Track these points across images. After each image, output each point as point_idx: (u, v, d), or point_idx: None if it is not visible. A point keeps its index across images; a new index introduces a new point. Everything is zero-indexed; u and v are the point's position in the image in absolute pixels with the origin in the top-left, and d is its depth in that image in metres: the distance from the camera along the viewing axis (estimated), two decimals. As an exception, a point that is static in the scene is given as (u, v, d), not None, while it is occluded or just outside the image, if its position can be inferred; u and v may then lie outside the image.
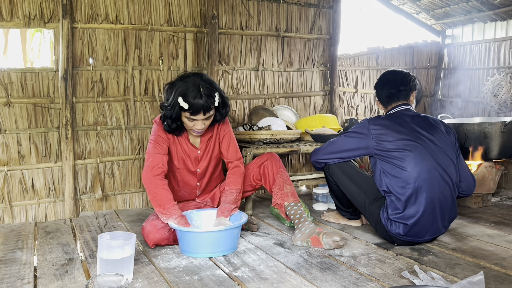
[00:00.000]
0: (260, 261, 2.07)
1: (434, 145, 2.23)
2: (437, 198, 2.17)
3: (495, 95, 3.89)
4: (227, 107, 2.38)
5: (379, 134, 2.24)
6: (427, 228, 2.19)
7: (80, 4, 2.99)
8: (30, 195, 2.95)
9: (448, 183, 2.22)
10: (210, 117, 2.30)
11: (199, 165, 2.50)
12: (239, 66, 3.59)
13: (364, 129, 2.29)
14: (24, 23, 2.86)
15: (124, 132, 3.19)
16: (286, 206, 2.40)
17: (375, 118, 2.34)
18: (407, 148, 2.18)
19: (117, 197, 3.20)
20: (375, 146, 2.24)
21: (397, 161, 2.18)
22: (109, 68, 3.11)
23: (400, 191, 2.16)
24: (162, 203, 2.20)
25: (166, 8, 3.25)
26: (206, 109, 2.21)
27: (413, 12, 4.41)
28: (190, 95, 2.17)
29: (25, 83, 2.90)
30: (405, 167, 2.16)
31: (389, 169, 2.21)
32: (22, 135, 2.91)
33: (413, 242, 2.24)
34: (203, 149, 2.48)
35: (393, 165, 2.19)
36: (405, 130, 2.23)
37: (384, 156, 2.23)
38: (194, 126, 2.28)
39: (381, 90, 2.43)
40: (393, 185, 2.19)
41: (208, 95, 2.20)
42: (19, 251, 2.30)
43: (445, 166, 2.21)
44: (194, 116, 2.23)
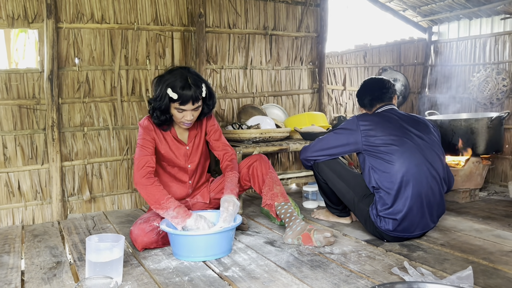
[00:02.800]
0: (250, 260, 2.07)
1: (421, 140, 2.26)
2: (425, 193, 2.19)
3: (481, 91, 3.93)
4: (214, 99, 2.43)
5: (367, 129, 2.27)
6: (416, 223, 2.21)
7: (65, 4, 2.95)
8: (16, 198, 2.91)
9: (436, 178, 2.24)
10: (198, 108, 2.33)
11: (189, 161, 2.50)
12: (227, 65, 3.57)
13: (353, 125, 2.31)
14: (7, 23, 2.81)
15: (111, 133, 3.16)
16: (276, 206, 2.40)
17: (364, 114, 2.38)
18: (395, 143, 2.21)
19: (105, 198, 3.17)
20: (363, 142, 2.27)
21: (385, 155, 2.21)
22: (95, 68, 3.08)
23: (389, 186, 2.18)
24: (157, 199, 2.20)
25: (152, 7, 3.22)
26: (194, 99, 2.25)
27: (400, 9, 4.43)
28: (178, 85, 2.22)
29: (9, 84, 2.86)
30: (393, 162, 2.19)
31: (377, 164, 2.23)
32: (7, 137, 2.86)
33: (403, 237, 2.25)
34: (191, 145, 2.50)
35: (382, 160, 2.22)
36: (393, 126, 2.27)
37: (373, 151, 2.25)
38: (183, 117, 2.31)
39: (363, 96, 2.49)
40: (382, 180, 2.21)
41: (196, 85, 2.25)
42: (5, 255, 2.27)
43: (433, 162, 2.24)
44: (183, 106, 2.26)
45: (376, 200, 2.23)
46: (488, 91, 3.87)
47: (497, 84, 3.80)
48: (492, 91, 3.83)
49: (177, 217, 2.15)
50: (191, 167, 2.52)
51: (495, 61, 3.87)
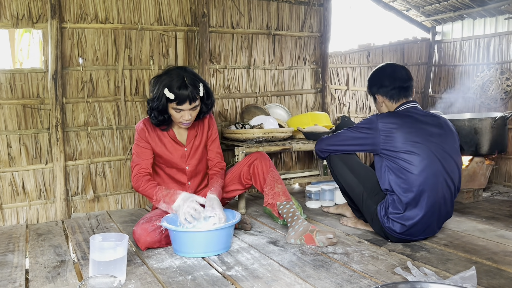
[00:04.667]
0: (253, 259, 2.07)
1: (442, 149, 2.16)
2: (438, 203, 2.17)
3: (485, 91, 3.92)
4: (212, 98, 2.44)
5: (388, 132, 2.15)
6: (423, 229, 2.21)
7: (69, 4, 2.96)
8: (21, 197, 2.92)
9: (451, 188, 2.21)
10: (196, 108, 2.35)
11: (187, 163, 2.51)
12: (230, 65, 3.58)
13: (372, 125, 2.20)
14: (12, 24, 2.82)
15: (115, 132, 3.17)
16: (279, 205, 2.40)
17: (385, 115, 2.23)
18: (415, 151, 2.11)
19: (109, 198, 3.18)
20: (382, 145, 2.17)
21: (404, 163, 2.12)
22: (99, 68, 3.09)
23: (403, 193, 2.13)
24: (150, 195, 2.30)
25: (156, 7, 3.23)
26: (191, 98, 2.27)
27: (403, 9, 4.43)
28: (175, 85, 2.24)
29: (14, 84, 2.87)
30: (411, 170, 2.11)
31: (394, 168, 2.15)
32: (11, 136, 2.88)
33: (406, 240, 2.25)
34: (190, 146, 2.51)
35: (399, 166, 2.14)
36: (415, 131, 2.14)
37: (391, 156, 2.15)
38: (181, 117, 2.32)
39: (391, 84, 2.26)
40: (397, 185, 2.14)
41: (193, 85, 2.27)
42: (10, 253, 2.28)
43: (451, 172, 2.19)
44: (180, 106, 2.27)
45: (388, 202, 2.18)
46: (492, 91, 3.86)
47: (501, 84, 3.79)
48: (496, 91, 3.82)
49: (168, 208, 2.24)
50: (189, 168, 2.52)
51: (499, 61, 3.86)
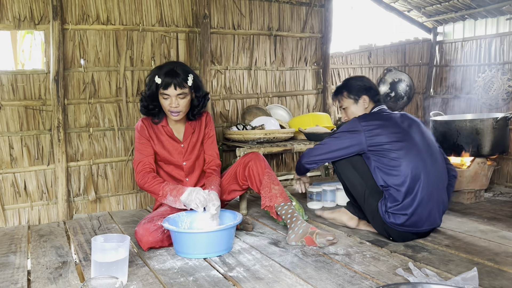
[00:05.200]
0: (255, 260, 2.07)
1: (422, 138, 2.31)
2: (432, 188, 2.23)
3: (486, 91, 3.91)
4: (203, 91, 2.50)
5: (370, 129, 2.28)
6: (424, 217, 2.22)
7: (71, 5, 2.97)
8: (23, 198, 2.93)
9: (440, 173, 2.30)
10: (184, 96, 2.40)
11: (184, 159, 2.53)
12: (231, 66, 3.58)
13: (356, 128, 2.31)
14: (14, 25, 2.83)
15: (117, 133, 3.17)
16: (277, 207, 2.39)
17: (364, 116, 2.38)
18: (399, 140, 2.24)
19: (110, 198, 3.18)
20: (368, 142, 2.28)
21: (392, 153, 2.23)
22: (101, 69, 3.09)
23: (398, 183, 2.20)
24: (156, 191, 2.35)
25: (158, 8, 3.23)
26: (177, 83, 2.34)
27: (405, 10, 4.43)
28: (164, 71, 2.36)
29: (16, 85, 2.88)
30: (400, 159, 2.21)
31: (383, 163, 2.25)
32: (13, 137, 2.89)
33: (410, 233, 2.25)
34: (187, 142, 2.54)
35: (388, 158, 2.23)
36: (395, 125, 2.30)
37: (378, 150, 2.26)
38: (169, 104, 2.38)
39: (376, 89, 2.53)
40: (389, 178, 2.22)
41: (181, 72, 2.37)
42: (12, 255, 2.29)
43: (436, 158, 2.30)
44: (166, 90, 2.35)
45: (386, 198, 2.24)
46: (494, 91, 3.85)
47: (502, 84, 3.78)
48: (498, 91, 3.82)
49: (175, 201, 2.29)
50: (186, 165, 2.54)
51: (501, 61, 3.85)
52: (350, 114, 2.50)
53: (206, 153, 2.61)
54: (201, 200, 2.24)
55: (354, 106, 2.49)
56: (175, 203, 2.31)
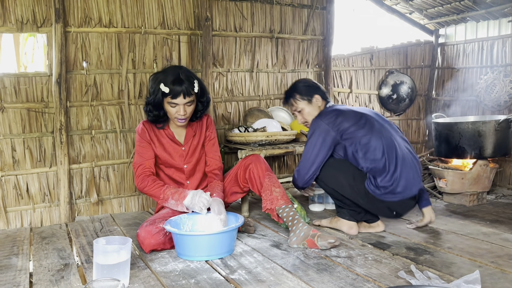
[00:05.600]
0: (257, 263, 2.07)
1: (377, 115, 2.50)
2: (406, 154, 2.40)
3: (488, 94, 3.91)
4: (207, 96, 2.51)
5: (332, 121, 2.41)
6: (411, 180, 2.36)
7: (73, 8, 2.98)
8: (25, 200, 2.94)
9: (404, 138, 2.51)
10: (191, 103, 2.40)
11: (185, 161, 2.53)
12: (233, 68, 3.59)
13: (320, 126, 2.43)
14: (16, 28, 2.84)
15: (119, 136, 3.18)
16: (278, 210, 2.38)
17: (320, 114, 2.49)
18: (360, 120, 2.40)
19: (112, 201, 3.19)
20: (337, 132, 2.40)
21: (359, 132, 2.37)
22: (103, 71, 3.10)
23: (376, 158, 2.33)
24: (157, 194, 2.35)
25: (160, 11, 3.24)
26: (186, 92, 2.33)
27: (406, 12, 4.43)
28: (169, 80, 2.33)
29: (18, 88, 2.89)
30: (367, 135, 2.36)
31: (357, 144, 2.37)
32: (16, 140, 2.89)
33: (407, 198, 2.36)
34: (188, 145, 2.54)
35: (358, 137, 2.36)
36: (350, 111, 2.46)
37: (347, 135, 2.39)
38: (176, 112, 2.38)
39: (321, 87, 2.63)
40: (368, 156, 2.35)
41: (188, 80, 2.35)
42: (14, 257, 2.29)
43: (395, 128, 2.50)
44: (174, 100, 2.34)
45: (371, 177, 2.36)
46: (496, 93, 3.85)
47: (504, 86, 3.78)
48: (500, 93, 3.81)
49: (177, 205, 2.30)
50: (187, 168, 2.55)
51: (503, 63, 3.85)
52: (306, 115, 2.57)
53: (207, 155, 2.60)
54: (205, 203, 2.25)
55: (309, 106, 2.55)
56: (177, 206, 2.31)
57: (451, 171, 3.17)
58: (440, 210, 3.02)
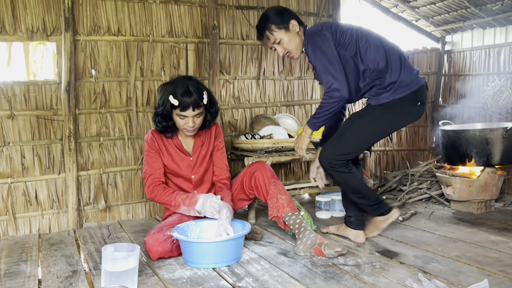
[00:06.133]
0: (264, 271, 2.07)
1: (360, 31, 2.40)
2: (402, 52, 2.37)
3: (496, 101, 3.89)
4: (216, 106, 2.51)
5: (328, 28, 2.31)
6: (414, 73, 2.33)
7: (82, 17, 3.02)
8: (33, 207, 2.96)
9: None
10: (200, 115, 2.40)
11: (193, 172, 2.54)
12: (240, 76, 3.61)
13: (318, 33, 2.31)
14: (27, 37, 2.89)
15: (127, 143, 3.21)
16: (284, 217, 2.38)
17: (309, 34, 2.35)
18: (354, 29, 2.34)
19: (120, 207, 3.21)
20: (334, 36, 2.29)
21: (355, 34, 2.30)
22: (112, 79, 3.14)
23: (378, 57, 2.28)
24: (168, 201, 2.38)
25: (167, 19, 3.28)
26: (195, 105, 2.33)
27: (413, 19, 4.44)
28: (179, 92, 2.32)
29: (28, 96, 2.92)
30: (365, 37, 2.31)
31: (356, 50, 2.29)
32: (25, 147, 2.93)
33: (416, 89, 2.31)
34: (196, 155, 2.54)
35: (356, 41, 2.29)
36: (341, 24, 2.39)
37: (346, 41, 2.29)
38: (185, 124, 2.38)
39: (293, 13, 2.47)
40: (368, 58, 2.28)
41: (197, 92, 2.34)
42: (23, 263, 2.31)
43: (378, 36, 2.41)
44: (184, 112, 2.33)
45: (376, 83, 2.30)
46: (503, 100, 3.83)
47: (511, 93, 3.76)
48: (507, 100, 3.80)
49: (189, 210, 2.32)
50: (195, 178, 2.55)
51: (510, 70, 3.84)
52: (287, 44, 2.39)
53: (215, 165, 2.60)
54: (215, 207, 2.27)
55: (288, 34, 2.38)
56: (189, 211, 2.34)
57: (458, 178, 3.15)
58: (448, 217, 3.01)
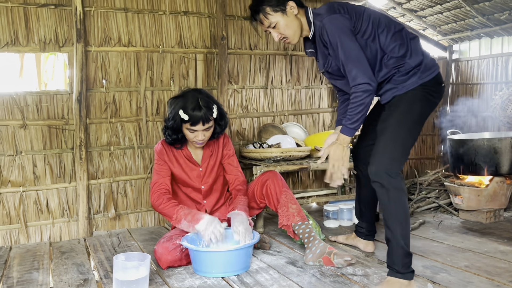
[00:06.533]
0: (273, 280, 2.09)
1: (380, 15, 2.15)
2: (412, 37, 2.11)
3: (504, 110, 3.89)
4: (225, 119, 2.52)
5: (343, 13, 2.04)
6: (429, 57, 2.12)
7: (94, 28, 3.07)
8: (45, 215, 3.00)
9: None
10: (209, 128, 2.41)
11: (202, 182, 2.55)
12: (248, 85, 3.65)
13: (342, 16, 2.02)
14: (39, 48, 2.94)
15: (136, 152, 3.24)
16: (294, 226, 2.41)
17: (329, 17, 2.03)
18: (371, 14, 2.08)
19: (129, 216, 3.24)
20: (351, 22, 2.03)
21: (380, 27, 2.05)
22: (122, 89, 3.18)
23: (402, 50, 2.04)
24: (170, 213, 2.33)
25: (177, 30, 3.33)
26: (205, 119, 2.33)
27: (420, 28, 4.46)
28: (189, 107, 2.32)
29: (40, 106, 2.98)
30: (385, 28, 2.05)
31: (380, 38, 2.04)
32: (37, 156, 2.97)
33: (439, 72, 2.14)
34: (205, 166, 2.56)
35: (377, 32, 2.04)
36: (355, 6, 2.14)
37: (366, 28, 2.04)
38: (195, 137, 2.39)
39: None
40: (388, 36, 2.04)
41: (207, 106, 2.34)
42: (35, 271, 2.34)
43: None
44: (194, 126, 2.34)
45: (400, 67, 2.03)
46: (511, 110, 3.83)
47: (520, 102, 3.76)
48: (516, 109, 3.79)
49: (189, 226, 2.27)
50: (204, 188, 2.57)
51: (518, 79, 3.84)
52: (284, 29, 2.11)
53: (228, 173, 2.61)
54: (217, 235, 2.19)
55: (285, 18, 2.09)
56: (188, 228, 2.27)
57: (467, 188, 3.15)
58: (456, 227, 3.00)
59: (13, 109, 2.90)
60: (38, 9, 2.91)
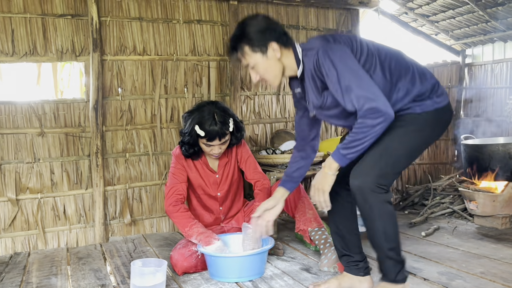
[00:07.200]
0: (287, 287, 2.10)
1: None
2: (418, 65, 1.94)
3: (518, 114, 3.86)
4: (242, 131, 2.52)
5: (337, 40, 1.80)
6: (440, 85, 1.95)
7: (109, 38, 3.14)
8: (62, 221, 3.06)
9: None
10: (226, 142, 2.43)
11: (219, 189, 2.58)
12: (260, 91, 3.68)
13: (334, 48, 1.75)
14: (57, 57, 3.01)
15: (151, 158, 3.29)
16: (310, 232, 2.43)
17: (325, 48, 1.75)
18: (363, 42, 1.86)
19: (145, 221, 3.28)
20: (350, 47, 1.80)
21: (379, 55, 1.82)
22: (137, 97, 3.24)
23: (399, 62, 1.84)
24: (184, 225, 2.32)
25: (191, 39, 3.37)
26: (221, 135, 2.35)
27: (432, 33, 4.45)
28: (206, 123, 2.32)
29: (57, 114, 3.04)
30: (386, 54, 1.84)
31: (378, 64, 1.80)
32: (54, 163, 3.03)
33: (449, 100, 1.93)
34: (221, 173, 2.58)
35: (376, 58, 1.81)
36: None
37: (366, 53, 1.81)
38: (211, 151, 2.42)
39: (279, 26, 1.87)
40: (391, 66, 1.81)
41: (223, 122, 2.34)
42: (53, 277, 2.39)
43: None
44: (210, 142, 2.36)
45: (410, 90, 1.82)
46: (526, 114, 3.80)
47: (535, 107, 3.73)
48: (530, 114, 3.76)
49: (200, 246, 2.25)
50: (221, 195, 2.60)
51: (533, 83, 3.81)
52: (263, 71, 1.86)
53: (248, 176, 2.59)
54: None
55: (265, 60, 1.83)
56: (201, 247, 2.25)
57: (481, 193, 3.13)
58: (471, 233, 2.98)
59: (31, 118, 2.97)
60: (56, 19, 2.98)
